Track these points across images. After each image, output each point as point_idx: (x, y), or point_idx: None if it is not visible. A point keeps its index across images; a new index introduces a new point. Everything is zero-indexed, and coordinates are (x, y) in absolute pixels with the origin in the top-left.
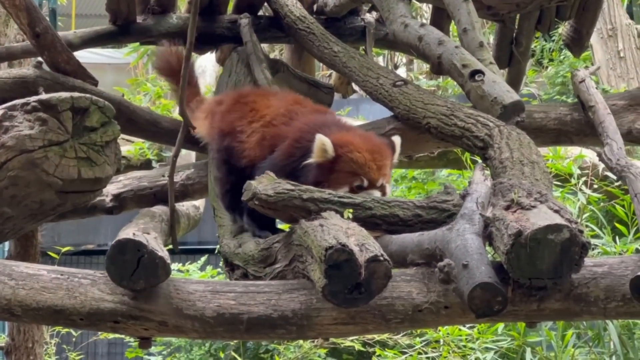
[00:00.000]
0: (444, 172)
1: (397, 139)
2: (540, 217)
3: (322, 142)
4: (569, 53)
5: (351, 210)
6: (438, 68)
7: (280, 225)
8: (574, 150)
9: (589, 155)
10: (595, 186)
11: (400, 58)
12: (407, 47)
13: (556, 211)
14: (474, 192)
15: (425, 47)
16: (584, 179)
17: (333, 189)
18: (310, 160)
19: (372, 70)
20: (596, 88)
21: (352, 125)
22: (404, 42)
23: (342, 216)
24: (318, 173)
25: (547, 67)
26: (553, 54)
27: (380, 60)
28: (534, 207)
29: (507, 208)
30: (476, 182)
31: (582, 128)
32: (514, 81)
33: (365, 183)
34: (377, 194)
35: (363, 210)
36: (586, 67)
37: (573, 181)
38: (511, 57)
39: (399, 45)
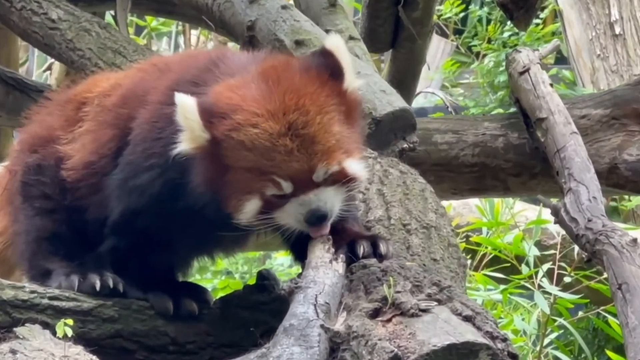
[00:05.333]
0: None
1: (333, 40)
2: (437, 331)
3: (183, 109)
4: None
5: (72, 322)
6: (249, 46)
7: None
8: (528, 212)
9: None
10: (569, 279)
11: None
12: (191, 12)
13: (467, 318)
14: (309, 285)
15: (224, 9)
16: (547, 265)
17: (235, 205)
18: (180, 149)
19: (123, 56)
20: (562, 89)
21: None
22: (186, 1)
23: (53, 334)
24: (206, 175)
25: (482, 56)
26: (489, 31)
27: (164, 43)
28: (425, 311)
29: (376, 314)
30: (315, 265)
31: (524, 162)
32: (404, 75)
33: (288, 187)
34: (326, 197)
35: (99, 324)
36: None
37: (527, 270)
38: (397, 30)
39: (180, 8)
